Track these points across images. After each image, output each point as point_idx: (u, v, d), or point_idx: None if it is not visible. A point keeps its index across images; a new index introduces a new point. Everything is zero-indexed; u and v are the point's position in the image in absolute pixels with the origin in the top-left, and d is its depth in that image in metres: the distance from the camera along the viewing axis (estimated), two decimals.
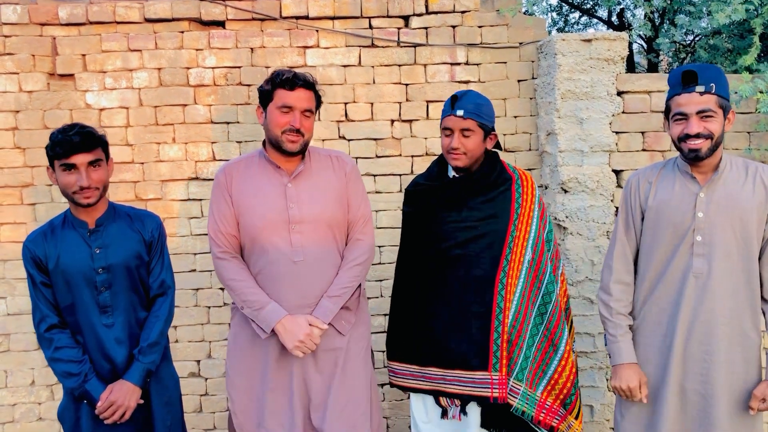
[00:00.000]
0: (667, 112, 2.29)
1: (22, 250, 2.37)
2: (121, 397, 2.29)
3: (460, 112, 2.38)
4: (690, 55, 5.81)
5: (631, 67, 6.26)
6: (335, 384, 2.39)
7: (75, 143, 2.21)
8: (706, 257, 2.24)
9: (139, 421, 2.40)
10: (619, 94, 3.42)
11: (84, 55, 3.46)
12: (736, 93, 3.16)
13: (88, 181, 2.25)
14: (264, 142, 2.46)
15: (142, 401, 2.36)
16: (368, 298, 3.51)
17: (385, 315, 3.56)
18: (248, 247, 2.41)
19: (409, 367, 2.55)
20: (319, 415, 2.38)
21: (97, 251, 2.34)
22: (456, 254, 2.46)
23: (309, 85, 2.37)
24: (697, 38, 5.89)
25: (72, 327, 2.36)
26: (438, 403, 2.53)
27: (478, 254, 2.44)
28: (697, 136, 2.16)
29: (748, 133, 3.45)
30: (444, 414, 2.52)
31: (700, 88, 2.16)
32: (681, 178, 2.31)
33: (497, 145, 2.54)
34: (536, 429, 2.50)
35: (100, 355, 2.36)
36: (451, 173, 2.53)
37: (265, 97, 2.38)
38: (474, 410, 2.48)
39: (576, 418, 2.55)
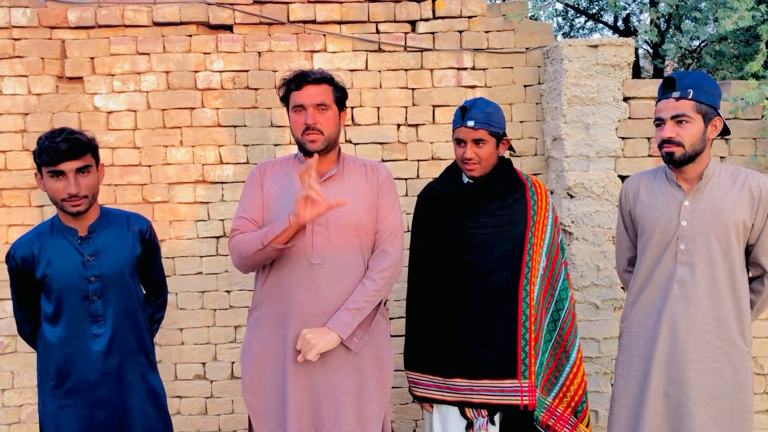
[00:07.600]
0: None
1: (7, 258, 2.28)
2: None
3: (470, 123, 2.36)
4: (696, 60, 5.81)
5: (636, 72, 6.26)
6: (346, 413, 2.30)
7: (62, 150, 2.12)
8: (689, 265, 2.26)
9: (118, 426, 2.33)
10: (626, 99, 3.43)
11: (92, 58, 3.48)
12: (742, 99, 3.16)
13: (76, 188, 2.16)
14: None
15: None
16: None
17: (396, 318, 3.57)
18: None
19: (433, 378, 2.47)
20: None
21: (90, 259, 2.27)
22: (477, 261, 2.42)
23: (318, 79, 2.31)
24: (703, 44, 5.90)
25: (50, 336, 2.29)
26: (464, 415, 2.45)
27: (499, 261, 2.41)
28: (670, 141, 2.19)
29: (754, 139, 3.46)
30: (470, 426, 2.44)
31: (675, 94, 2.20)
32: (667, 186, 2.34)
33: (510, 147, 2.55)
34: None
35: (81, 367, 2.27)
36: (465, 179, 2.53)
37: (285, 103, 2.37)
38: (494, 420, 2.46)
39: (587, 426, 2.53)
